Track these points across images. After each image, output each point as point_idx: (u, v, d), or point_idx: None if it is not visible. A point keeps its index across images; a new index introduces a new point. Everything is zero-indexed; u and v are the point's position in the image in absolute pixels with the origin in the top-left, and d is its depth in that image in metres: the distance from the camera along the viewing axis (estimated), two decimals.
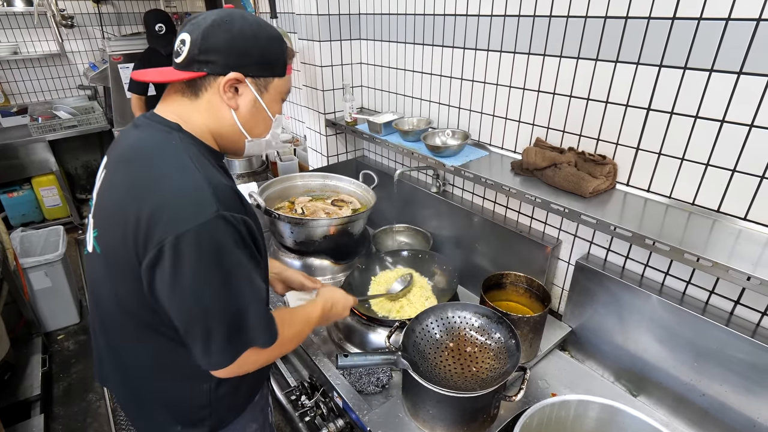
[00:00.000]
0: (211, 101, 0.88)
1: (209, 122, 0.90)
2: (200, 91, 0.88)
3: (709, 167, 1.08)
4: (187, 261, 0.75)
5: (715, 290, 1.15)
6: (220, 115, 0.89)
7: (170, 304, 0.80)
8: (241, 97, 0.89)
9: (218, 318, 0.80)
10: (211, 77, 0.86)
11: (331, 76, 2.04)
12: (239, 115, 0.90)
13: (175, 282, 0.77)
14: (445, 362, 1.14)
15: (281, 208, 1.91)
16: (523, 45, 1.38)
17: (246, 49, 0.86)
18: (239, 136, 0.93)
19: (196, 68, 0.85)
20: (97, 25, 4.38)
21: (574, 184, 1.24)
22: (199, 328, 0.80)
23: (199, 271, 0.76)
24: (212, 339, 0.81)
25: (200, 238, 0.75)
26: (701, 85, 1.04)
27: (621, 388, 1.36)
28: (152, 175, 0.81)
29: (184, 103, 0.89)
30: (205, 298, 0.79)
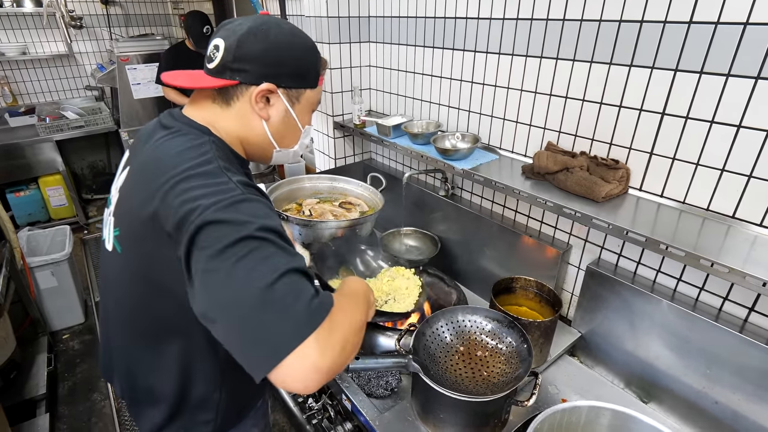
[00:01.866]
0: (242, 110, 0.87)
1: (239, 130, 0.89)
2: (231, 100, 0.86)
3: (724, 173, 1.07)
4: (217, 233, 0.68)
5: (729, 297, 1.14)
6: (251, 124, 0.88)
7: (203, 286, 0.68)
8: (272, 108, 0.88)
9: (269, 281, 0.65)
10: (243, 86, 0.85)
11: (339, 78, 2.05)
12: (270, 126, 0.89)
13: (201, 259, 0.68)
14: (455, 366, 1.14)
15: (289, 210, 1.91)
16: (535, 48, 1.38)
17: (280, 59, 0.85)
18: (268, 145, 0.93)
19: (229, 76, 0.83)
20: (105, 26, 4.40)
21: (587, 188, 1.23)
22: (241, 316, 0.65)
23: (230, 236, 0.67)
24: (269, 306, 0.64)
25: (232, 208, 0.70)
26: (717, 90, 1.03)
27: (631, 395, 1.34)
28: (180, 176, 0.76)
29: (215, 110, 0.88)
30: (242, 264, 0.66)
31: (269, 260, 0.68)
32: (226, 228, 0.69)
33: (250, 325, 0.64)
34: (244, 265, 0.66)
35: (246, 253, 0.67)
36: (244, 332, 0.65)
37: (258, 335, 0.64)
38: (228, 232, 0.68)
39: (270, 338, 0.64)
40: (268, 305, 0.64)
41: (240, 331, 0.65)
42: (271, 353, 0.63)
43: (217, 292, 0.67)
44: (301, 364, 0.63)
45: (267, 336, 0.64)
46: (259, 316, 0.64)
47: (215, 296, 0.67)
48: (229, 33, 0.83)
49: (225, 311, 0.66)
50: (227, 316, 0.66)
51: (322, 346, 0.64)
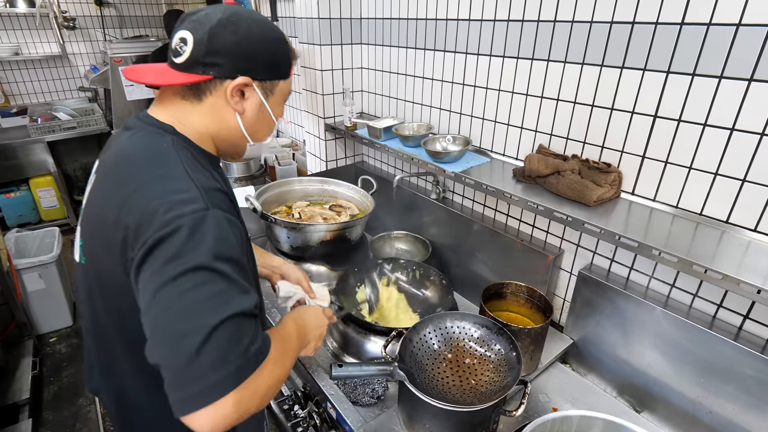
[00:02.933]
0: (215, 105, 0.84)
1: (210, 126, 0.86)
2: (204, 95, 0.83)
3: (718, 176, 1.05)
4: (170, 253, 0.67)
5: (723, 304, 1.12)
6: (224, 119, 0.85)
7: (147, 309, 0.68)
8: (247, 101, 0.85)
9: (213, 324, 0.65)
10: (217, 81, 0.81)
11: (331, 80, 2.02)
12: (244, 120, 0.87)
13: (153, 279, 0.67)
14: (443, 374, 1.10)
15: (278, 213, 1.88)
16: (526, 50, 1.36)
17: (254, 51, 0.82)
18: (241, 140, 0.90)
19: (201, 71, 0.80)
20: (98, 27, 4.38)
21: (578, 192, 1.21)
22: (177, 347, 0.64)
23: (184, 263, 0.66)
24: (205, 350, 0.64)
25: (189, 231, 0.68)
26: (710, 92, 1.01)
27: (624, 404, 1.31)
28: (138, 181, 0.75)
29: (184, 106, 0.84)
30: (191, 296, 0.66)
31: (219, 297, 0.67)
32: (181, 251, 0.67)
33: (181, 363, 0.64)
34: (192, 297, 0.66)
35: (196, 285, 0.66)
36: (174, 367, 0.64)
37: (185, 376, 0.64)
38: (182, 257, 0.67)
39: (195, 384, 0.63)
40: (205, 349, 0.64)
41: (171, 364, 0.65)
42: (192, 399, 0.63)
43: (161, 317, 0.66)
44: (212, 416, 0.64)
45: (192, 380, 0.63)
46: (192, 356, 0.63)
47: (159, 320, 0.67)
48: (196, 25, 0.79)
49: (163, 338, 0.66)
50: (164, 344, 0.66)
51: (241, 403, 0.66)
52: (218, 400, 0.63)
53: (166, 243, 0.67)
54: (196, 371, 0.63)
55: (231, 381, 0.64)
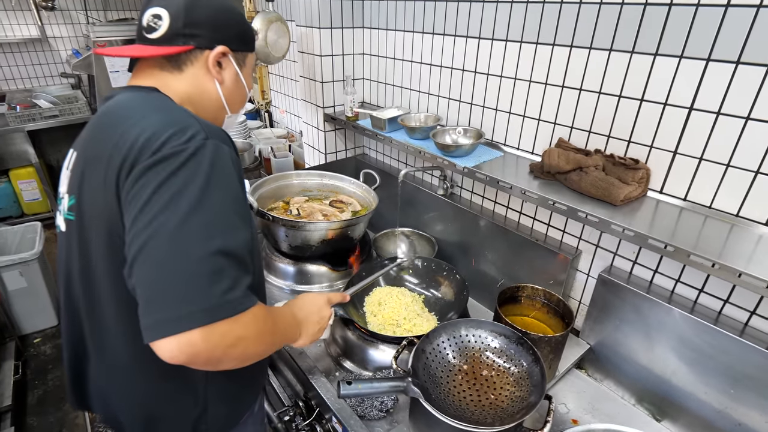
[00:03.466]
0: (196, 75, 0.86)
1: (192, 94, 0.87)
2: (184, 65, 0.86)
3: (759, 175, 0.97)
4: (165, 175, 0.67)
5: (758, 311, 1.04)
6: (205, 88, 0.88)
7: (132, 225, 0.67)
8: (225, 71, 0.89)
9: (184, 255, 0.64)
10: (197, 51, 0.85)
11: (331, 66, 1.90)
12: (224, 89, 0.90)
13: (145, 196, 0.66)
14: (458, 388, 1.02)
15: (275, 209, 1.77)
16: (547, 35, 1.26)
17: (228, 22, 0.87)
18: (221, 111, 0.93)
19: (182, 42, 0.83)
20: (81, 9, 4.17)
21: (604, 190, 1.12)
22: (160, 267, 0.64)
23: (177, 188, 0.66)
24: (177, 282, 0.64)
25: (188, 157, 0.68)
26: (756, 83, 0.92)
27: (643, 411, 1.25)
28: (136, 117, 0.75)
29: (164, 76, 0.86)
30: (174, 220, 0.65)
31: (208, 229, 0.67)
32: (176, 176, 0.67)
33: (157, 288, 0.64)
34: (181, 224, 0.65)
35: (188, 212, 0.66)
36: (149, 291, 0.65)
37: (158, 302, 0.64)
38: (176, 182, 0.67)
39: (164, 311, 0.63)
40: (183, 279, 0.64)
41: (147, 287, 0.65)
42: (159, 326, 0.63)
43: (145, 239, 0.65)
44: (176, 346, 0.63)
45: (163, 308, 0.63)
46: (169, 284, 0.64)
47: (142, 242, 0.65)
48: (170, 1, 0.82)
49: (144, 260, 0.65)
50: (144, 267, 0.65)
51: (208, 341, 0.64)
52: (183, 332, 0.63)
53: (163, 165, 0.67)
54: (169, 299, 0.63)
55: (200, 317, 0.63)
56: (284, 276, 1.64)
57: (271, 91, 2.98)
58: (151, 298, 0.64)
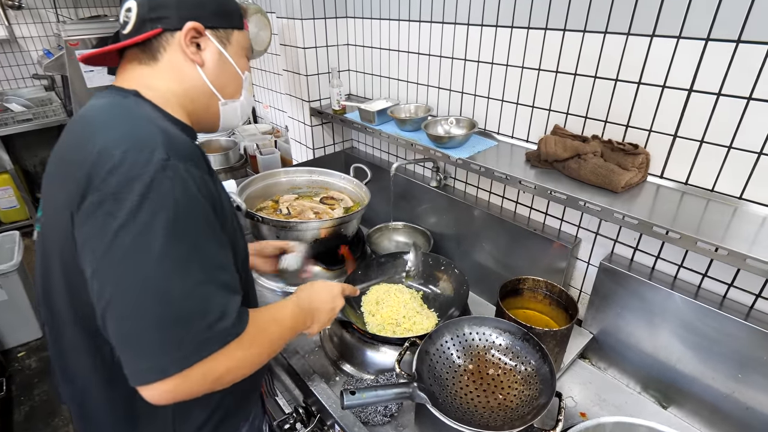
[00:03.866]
0: (173, 60, 0.78)
1: (174, 86, 0.79)
2: (158, 53, 0.78)
3: (762, 156, 0.94)
4: (124, 214, 0.60)
5: (762, 294, 1.03)
6: (185, 74, 0.80)
7: (95, 275, 0.62)
8: (205, 52, 0.80)
9: (162, 298, 0.60)
10: (167, 34, 0.77)
11: (315, 59, 1.83)
12: (207, 72, 0.81)
13: (104, 244, 0.61)
14: (465, 389, 0.99)
15: (264, 209, 1.71)
16: (539, 19, 1.21)
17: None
18: (211, 98, 0.84)
19: (150, 27, 0.76)
20: (50, 7, 3.99)
21: (604, 177, 1.09)
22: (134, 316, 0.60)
23: (139, 229, 0.60)
24: (153, 329, 0.60)
25: (146, 188, 0.61)
26: (758, 61, 0.89)
27: (649, 399, 1.23)
28: (95, 132, 0.68)
29: (143, 71, 0.78)
30: (144, 266, 0.60)
31: (183, 264, 0.62)
32: (139, 208, 0.60)
33: (135, 335, 0.61)
34: (150, 262, 0.60)
35: (157, 249, 0.60)
36: (128, 338, 0.61)
37: (138, 349, 0.61)
38: (140, 215, 0.60)
39: (146, 359, 0.61)
40: (161, 321, 0.60)
41: (124, 334, 0.61)
42: (142, 374, 0.61)
43: (114, 282, 0.60)
44: (160, 392, 0.61)
45: (145, 354, 0.61)
46: (148, 328, 0.60)
47: (112, 286, 0.61)
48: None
49: (117, 306, 0.61)
50: (117, 313, 0.61)
51: (191, 384, 0.63)
52: (159, 381, 0.61)
53: (116, 201, 0.60)
54: (142, 351, 0.61)
55: (170, 367, 0.61)
56: (276, 278, 1.59)
57: (253, 86, 2.89)
58: (125, 350, 0.62)
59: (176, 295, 0.61)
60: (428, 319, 1.31)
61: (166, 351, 0.60)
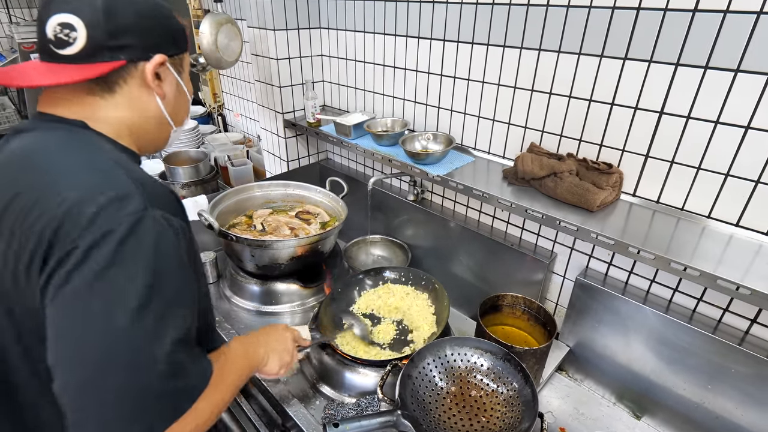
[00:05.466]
0: (132, 93, 0.73)
1: (128, 119, 0.74)
2: (116, 85, 0.71)
3: (729, 177, 0.98)
4: (98, 270, 0.55)
5: (729, 308, 1.07)
6: (144, 107, 0.75)
7: (58, 340, 0.56)
8: (165, 83, 0.76)
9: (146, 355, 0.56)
10: (130, 65, 0.70)
11: (288, 70, 1.79)
12: (166, 104, 0.77)
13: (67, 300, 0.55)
14: (449, 413, 0.98)
15: (237, 225, 1.66)
16: (514, 38, 1.22)
17: (156, 23, 0.73)
18: (165, 127, 0.80)
19: (109, 57, 0.68)
20: (1, 7, 3.77)
21: (579, 196, 1.11)
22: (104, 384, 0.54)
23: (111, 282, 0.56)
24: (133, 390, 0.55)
25: (125, 240, 0.56)
26: (724, 88, 0.92)
27: (624, 410, 1.27)
28: (55, 176, 0.62)
29: (94, 102, 0.71)
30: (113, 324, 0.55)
31: (154, 325, 0.57)
32: (109, 266, 0.55)
33: (95, 406, 0.55)
34: (116, 326, 0.55)
35: (126, 311, 0.55)
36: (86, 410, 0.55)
37: (99, 420, 0.55)
38: (108, 274, 0.55)
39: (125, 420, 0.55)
40: (125, 390, 0.55)
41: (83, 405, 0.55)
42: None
43: (74, 348, 0.55)
44: None
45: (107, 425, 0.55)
46: (109, 398, 0.55)
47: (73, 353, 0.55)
48: (78, 4, 0.66)
49: (77, 375, 0.55)
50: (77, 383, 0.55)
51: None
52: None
53: (93, 254, 0.55)
54: (109, 416, 0.55)
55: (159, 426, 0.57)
56: (251, 297, 1.54)
57: (223, 94, 2.81)
58: (89, 419, 0.55)
59: (149, 359, 0.56)
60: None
61: (134, 420, 0.55)
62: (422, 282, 1.46)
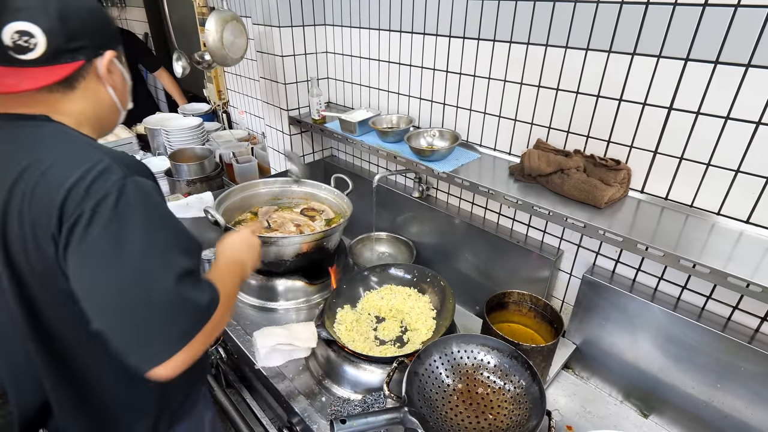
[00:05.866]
0: (90, 87, 0.81)
1: (87, 110, 0.82)
2: (76, 82, 0.79)
3: (739, 174, 0.97)
4: (107, 226, 0.67)
5: (739, 306, 1.06)
6: (100, 98, 0.84)
7: (90, 289, 0.69)
8: (114, 74, 0.85)
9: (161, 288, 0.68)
10: (87, 64, 0.79)
11: (293, 66, 1.79)
12: (117, 92, 0.87)
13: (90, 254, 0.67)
14: (455, 410, 0.98)
15: (243, 222, 1.66)
16: (521, 33, 1.21)
17: (101, 22, 0.81)
18: (116, 113, 0.91)
19: (70, 59, 0.75)
20: None
21: (587, 193, 1.10)
22: (135, 309, 0.67)
23: (120, 231, 0.68)
24: (158, 314, 0.68)
25: (118, 201, 0.68)
26: (735, 82, 0.91)
27: (631, 408, 1.26)
28: (44, 164, 0.70)
29: (54, 98, 0.78)
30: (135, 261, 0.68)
31: (163, 259, 0.70)
32: (113, 221, 0.67)
33: (138, 325, 0.68)
34: (137, 262, 0.67)
35: (139, 251, 0.68)
36: (131, 331, 0.68)
37: (145, 337, 0.68)
38: (115, 226, 0.67)
39: (154, 343, 0.68)
40: (161, 309, 0.68)
41: (126, 328, 0.68)
42: (153, 357, 0.68)
43: (109, 285, 0.67)
44: (173, 367, 0.69)
45: (152, 340, 0.68)
46: (149, 317, 0.67)
47: (107, 289, 0.67)
48: (32, 12, 0.71)
49: (116, 305, 0.67)
50: (118, 311, 0.68)
51: (196, 349, 0.71)
52: (177, 353, 0.68)
53: (96, 216, 0.67)
54: (153, 331, 0.68)
55: (187, 335, 0.69)
56: (256, 293, 1.55)
57: (228, 91, 2.81)
58: (137, 337, 0.68)
59: (158, 290, 0.67)
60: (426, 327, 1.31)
61: (172, 329, 0.68)
62: (427, 279, 1.46)
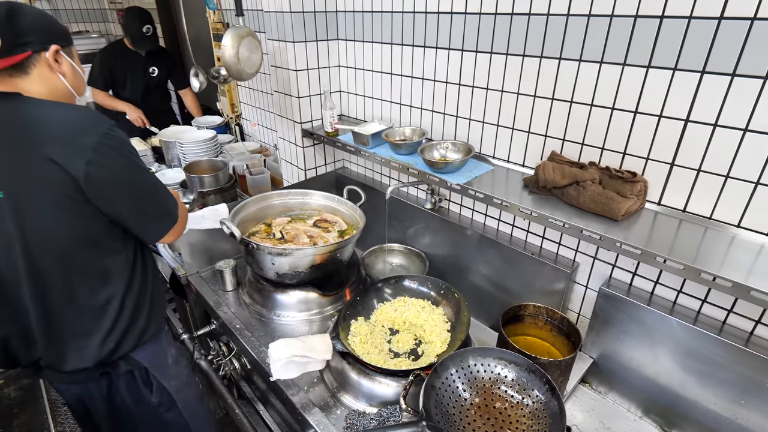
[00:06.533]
0: (42, 73, 1.04)
1: (45, 91, 1.05)
2: (29, 68, 1.02)
3: (759, 186, 0.96)
4: (118, 157, 1.02)
5: (762, 320, 1.04)
6: (53, 83, 1.07)
7: (117, 198, 1.04)
8: (63, 65, 1.08)
9: (161, 189, 1.14)
10: (36, 55, 1.02)
11: (307, 81, 1.82)
12: (68, 79, 1.10)
13: (116, 177, 1.02)
14: (473, 424, 0.97)
15: (257, 233, 1.68)
16: (534, 47, 1.23)
17: (46, 25, 1.05)
18: (71, 97, 1.13)
19: (21, 51, 0.99)
20: None
21: (603, 205, 1.09)
22: (152, 204, 1.12)
23: (130, 160, 1.05)
24: (166, 206, 1.16)
25: (115, 139, 1.01)
26: (753, 95, 0.91)
27: (651, 424, 1.23)
28: (34, 118, 0.97)
29: (16, 80, 1.01)
30: (148, 177, 1.10)
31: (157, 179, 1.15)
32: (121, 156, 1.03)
33: (159, 214, 1.15)
34: (150, 181, 1.11)
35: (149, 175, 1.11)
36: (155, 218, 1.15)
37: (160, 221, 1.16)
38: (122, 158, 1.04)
39: (164, 222, 1.17)
40: (168, 205, 1.17)
41: (153, 217, 1.14)
42: (164, 229, 1.17)
43: (142, 194, 1.09)
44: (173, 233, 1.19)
45: (164, 221, 1.17)
46: (164, 209, 1.16)
47: (141, 196, 1.09)
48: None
49: (149, 204, 1.12)
50: (151, 207, 1.13)
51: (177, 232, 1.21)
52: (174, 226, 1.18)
53: (99, 150, 0.98)
54: (165, 216, 1.16)
55: (175, 215, 1.18)
56: (270, 305, 1.55)
57: (241, 104, 2.86)
58: (157, 221, 1.15)
59: (161, 190, 1.14)
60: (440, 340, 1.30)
61: (167, 213, 1.16)
62: (441, 291, 1.45)
